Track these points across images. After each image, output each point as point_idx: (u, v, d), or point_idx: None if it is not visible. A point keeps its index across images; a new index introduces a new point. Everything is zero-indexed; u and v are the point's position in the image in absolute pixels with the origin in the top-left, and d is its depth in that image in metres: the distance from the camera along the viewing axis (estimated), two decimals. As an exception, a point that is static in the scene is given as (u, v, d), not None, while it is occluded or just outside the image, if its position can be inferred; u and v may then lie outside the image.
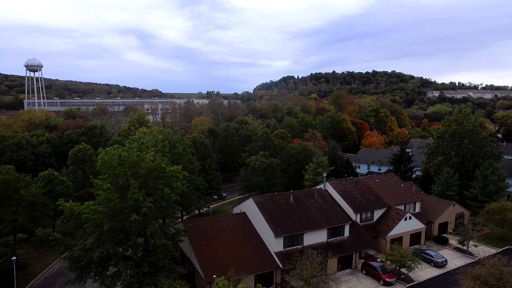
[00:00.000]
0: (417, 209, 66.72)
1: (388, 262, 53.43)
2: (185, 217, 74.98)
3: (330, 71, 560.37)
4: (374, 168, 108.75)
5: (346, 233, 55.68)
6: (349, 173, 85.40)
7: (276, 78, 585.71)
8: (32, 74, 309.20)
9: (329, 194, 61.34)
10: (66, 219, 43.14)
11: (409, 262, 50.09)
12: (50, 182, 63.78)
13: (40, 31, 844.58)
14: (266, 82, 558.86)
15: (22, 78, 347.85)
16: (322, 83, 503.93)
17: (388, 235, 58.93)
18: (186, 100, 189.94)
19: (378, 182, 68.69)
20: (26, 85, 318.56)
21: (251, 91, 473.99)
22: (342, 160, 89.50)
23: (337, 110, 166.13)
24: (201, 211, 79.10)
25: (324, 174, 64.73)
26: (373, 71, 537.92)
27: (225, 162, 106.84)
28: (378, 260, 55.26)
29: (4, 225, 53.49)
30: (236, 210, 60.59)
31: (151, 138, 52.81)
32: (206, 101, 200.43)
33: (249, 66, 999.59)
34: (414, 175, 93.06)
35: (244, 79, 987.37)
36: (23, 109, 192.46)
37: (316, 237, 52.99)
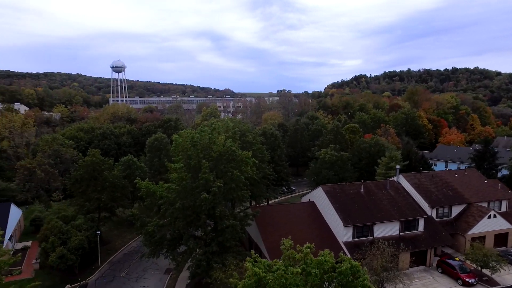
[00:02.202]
0: (504, 208, 61.13)
1: (468, 262, 49.66)
2: (253, 207, 76.17)
3: (405, 69, 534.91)
4: (453, 166, 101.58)
5: (421, 227, 52.72)
6: (425, 169, 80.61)
7: (348, 77, 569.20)
8: (116, 75, 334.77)
9: (402, 186, 58.54)
10: (143, 197, 46.11)
11: (493, 263, 46.10)
12: (130, 166, 68.59)
13: (125, 38, 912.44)
14: (337, 81, 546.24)
15: (108, 80, 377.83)
16: (396, 81, 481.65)
17: (468, 233, 54.75)
18: (256, 97, 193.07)
19: (457, 177, 64.11)
20: (112, 86, 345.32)
21: (322, 91, 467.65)
22: (417, 156, 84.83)
23: (412, 107, 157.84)
24: (269, 202, 79.69)
25: (397, 167, 61.94)
26: (453, 68, 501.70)
27: (294, 156, 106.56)
28: (456, 258, 51.55)
29: (91, 203, 58.59)
30: (305, 199, 60.22)
31: (223, 125, 54.39)
32: (276, 99, 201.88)
33: (319, 65, 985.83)
34: (500, 174, 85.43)
35: (315, 79, 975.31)
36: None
37: (387, 230, 50.85)
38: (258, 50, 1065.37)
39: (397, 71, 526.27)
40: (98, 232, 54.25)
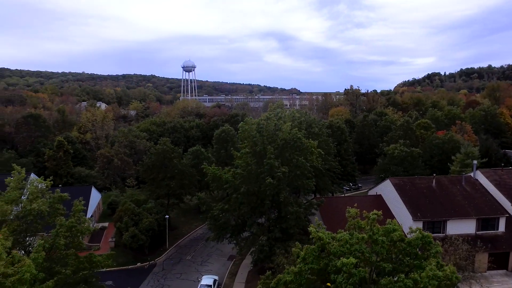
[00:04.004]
0: None
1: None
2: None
3: (485, 65, 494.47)
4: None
5: (501, 227, 48.48)
6: (507, 166, 74.12)
7: (419, 76, 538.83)
8: (187, 75, 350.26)
9: (480, 183, 54.28)
10: (209, 182, 47.61)
11: None
12: (198, 156, 71.20)
13: (195, 40, 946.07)
14: (408, 80, 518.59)
15: (179, 80, 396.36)
16: (474, 79, 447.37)
17: (560, 237, 49.27)
18: (323, 95, 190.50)
19: (546, 175, 57.99)
20: (182, 85, 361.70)
21: (391, 89, 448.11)
22: (498, 153, 78.16)
23: (493, 104, 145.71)
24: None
25: (475, 162, 57.63)
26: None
27: (361, 152, 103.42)
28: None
29: (161, 189, 61.66)
30: (371, 192, 58.40)
31: (289, 115, 54.55)
32: (344, 96, 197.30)
33: (389, 64, 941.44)
34: None
35: (384, 78, 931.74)
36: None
37: (461, 227, 47.42)
38: (325, 50, 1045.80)
39: (475, 68, 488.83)
40: (167, 216, 56.97)
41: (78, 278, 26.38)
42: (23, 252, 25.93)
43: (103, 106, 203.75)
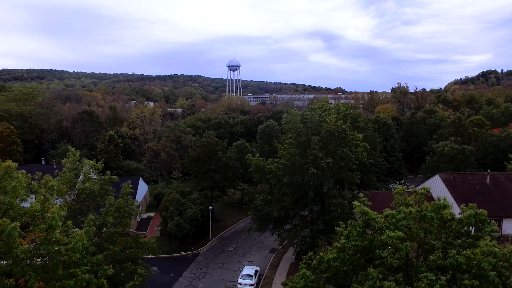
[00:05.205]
0: None
1: None
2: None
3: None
4: None
5: None
6: None
7: (473, 74, 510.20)
8: (232, 74, 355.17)
9: (541, 181, 50.75)
10: (253, 173, 47.97)
11: None
12: (241, 150, 71.96)
13: (240, 40, 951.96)
14: (460, 79, 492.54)
15: (225, 80, 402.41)
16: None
17: None
18: (369, 93, 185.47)
19: None
20: (227, 85, 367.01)
21: (442, 88, 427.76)
22: None
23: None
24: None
25: (535, 159, 53.95)
26: None
27: (409, 151, 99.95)
28: None
29: (205, 181, 62.91)
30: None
31: (334, 107, 53.81)
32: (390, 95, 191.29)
33: (439, 62, 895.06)
34: None
35: (434, 77, 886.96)
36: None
37: (519, 226, 44.65)
38: (372, 48, 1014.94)
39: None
40: (210, 207, 57.99)
41: (125, 256, 27.61)
42: (76, 229, 27.43)
43: (151, 104, 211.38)
